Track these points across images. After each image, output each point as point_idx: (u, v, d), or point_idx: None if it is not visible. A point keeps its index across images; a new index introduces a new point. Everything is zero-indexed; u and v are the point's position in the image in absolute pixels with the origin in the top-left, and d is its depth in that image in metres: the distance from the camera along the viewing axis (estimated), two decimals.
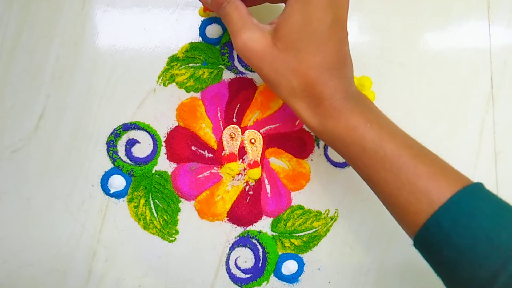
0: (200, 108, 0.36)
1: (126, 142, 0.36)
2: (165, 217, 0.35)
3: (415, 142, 0.28)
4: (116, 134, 0.36)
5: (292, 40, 0.27)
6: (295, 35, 0.27)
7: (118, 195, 0.35)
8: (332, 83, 0.27)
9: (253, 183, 0.36)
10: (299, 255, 0.36)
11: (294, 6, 0.27)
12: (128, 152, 0.36)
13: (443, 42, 0.39)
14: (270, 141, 0.37)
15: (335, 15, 0.27)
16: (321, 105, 0.27)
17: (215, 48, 0.37)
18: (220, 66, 0.37)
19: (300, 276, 0.36)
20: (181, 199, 0.36)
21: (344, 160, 0.37)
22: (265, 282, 0.35)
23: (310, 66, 0.27)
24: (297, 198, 0.36)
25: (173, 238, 0.35)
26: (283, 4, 0.30)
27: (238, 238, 0.36)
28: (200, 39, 0.37)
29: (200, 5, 0.37)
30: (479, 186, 0.26)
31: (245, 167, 0.36)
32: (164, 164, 0.36)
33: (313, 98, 0.28)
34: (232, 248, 0.36)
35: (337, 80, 0.27)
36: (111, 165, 0.36)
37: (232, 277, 0.35)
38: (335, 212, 0.36)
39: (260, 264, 0.36)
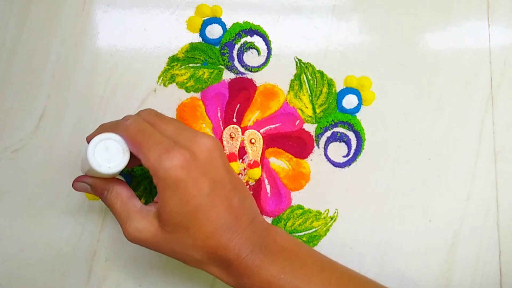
0: (200, 108, 0.36)
1: None
2: None
3: (336, 279, 0.29)
4: None
5: (177, 222, 0.26)
6: (178, 217, 0.26)
7: None
8: (234, 243, 0.27)
9: (253, 183, 0.36)
10: None
11: (166, 193, 0.26)
12: None
13: (443, 42, 0.39)
14: (270, 141, 0.37)
15: (211, 179, 0.26)
16: (231, 266, 0.27)
17: (215, 48, 0.37)
18: (220, 66, 0.37)
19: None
20: None
21: (343, 160, 0.37)
22: None
23: (205, 238, 0.26)
24: (297, 198, 0.36)
25: None
26: None
27: None
28: (200, 39, 0.37)
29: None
30: None
31: (245, 167, 0.36)
32: None
33: (221, 262, 0.27)
34: None
35: (238, 236, 0.27)
36: None
37: None
38: (335, 212, 0.36)
39: None
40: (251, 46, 0.37)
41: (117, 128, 0.28)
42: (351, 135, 0.37)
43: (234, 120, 0.37)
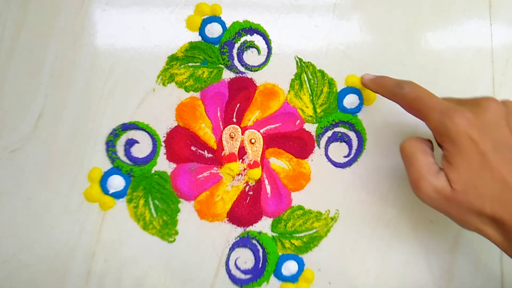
0: (199, 108, 0.36)
1: (125, 142, 0.36)
2: (165, 218, 0.35)
3: None
4: (115, 134, 0.35)
5: (464, 180, 0.27)
6: (465, 175, 0.27)
7: (117, 195, 0.35)
8: None
9: (253, 183, 0.36)
10: (299, 255, 0.36)
11: (450, 150, 0.27)
12: (127, 152, 0.36)
13: (444, 41, 0.38)
14: (270, 141, 0.36)
15: (492, 139, 0.27)
16: None
17: (214, 47, 0.36)
18: (220, 65, 0.36)
19: (300, 276, 0.36)
20: (181, 199, 0.36)
21: (344, 160, 0.37)
22: (265, 282, 0.35)
23: (493, 200, 0.26)
24: (297, 198, 0.36)
25: (172, 239, 0.35)
26: None
27: (238, 238, 0.36)
28: (200, 38, 0.37)
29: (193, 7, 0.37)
30: None
31: (245, 167, 0.36)
32: (163, 164, 0.36)
33: (506, 231, 0.27)
34: (232, 249, 0.36)
35: None
36: (110, 165, 0.35)
37: (232, 277, 0.35)
38: (336, 213, 0.36)
39: (260, 265, 0.35)
40: (251, 45, 0.37)
41: (395, 97, 0.31)
42: (352, 135, 0.37)
43: (234, 120, 0.36)
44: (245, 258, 0.36)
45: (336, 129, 0.37)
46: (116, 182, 0.35)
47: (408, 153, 0.29)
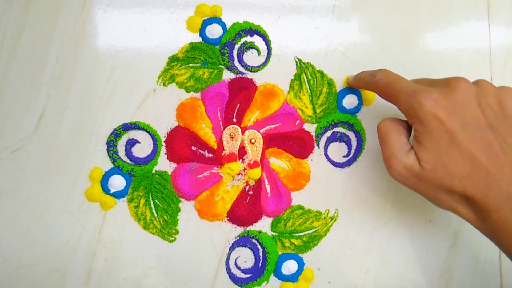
0: (200, 108, 0.36)
1: (126, 142, 0.36)
2: (165, 217, 0.35)
3: None
4: (116, 134, 0.36)
5: (432, 158, 0.27)
6: (433, 153, 0.27)
7: (118, 195, 0.35)
8: (493, 193, 0.26)
9: (253, 183, 0.36)
10: (299, 255, 0.36)
11: (419, 130, 0.28)
12: (128, 152, 0.36)
13: (443, 42, 0.39)
14: (270, 141, 0.37)
15: (462, 118, 0.27)
16: (489, 218, 0.27)
17: (215, 48, 0.37)
18: (220, 66, 0.37)
19: (300, 275, 0.36)
20: (181, 199, 0.36)
21: (344, 160, 0.37)
22: (265, 282, 0.35)
23: (463, 178, 0.27)
24: (297, 198, 0.36)
25: (173, 238, 0.35)
26: None
27: (238, 238, 0.36)
28: (200, 39, 0.37)
29: (195, 6, 0.37)
30: None
31: (245, 167, 0.36)
32: (164, 164, 0.36)
33: (478, 209, 0.27)
34: (232, 248, 0.36)
35: (497, 188, 0.26)
36: (111, 165, 0.36)
37: (232, 277, 0.35)
38: (335, 212, 0.36)
39: (260, 264, 0.36)
40: (251, 46, 0.37)
41: (369, 86, 0.32)
42: (351, 135, 0.37)
43: (234, 120, 0.37)
44: (245, 258, 0.36)
45: (336, 129, 0.37)
46: (117, 182, 0.35)
47: (383, 133, 0.30)
